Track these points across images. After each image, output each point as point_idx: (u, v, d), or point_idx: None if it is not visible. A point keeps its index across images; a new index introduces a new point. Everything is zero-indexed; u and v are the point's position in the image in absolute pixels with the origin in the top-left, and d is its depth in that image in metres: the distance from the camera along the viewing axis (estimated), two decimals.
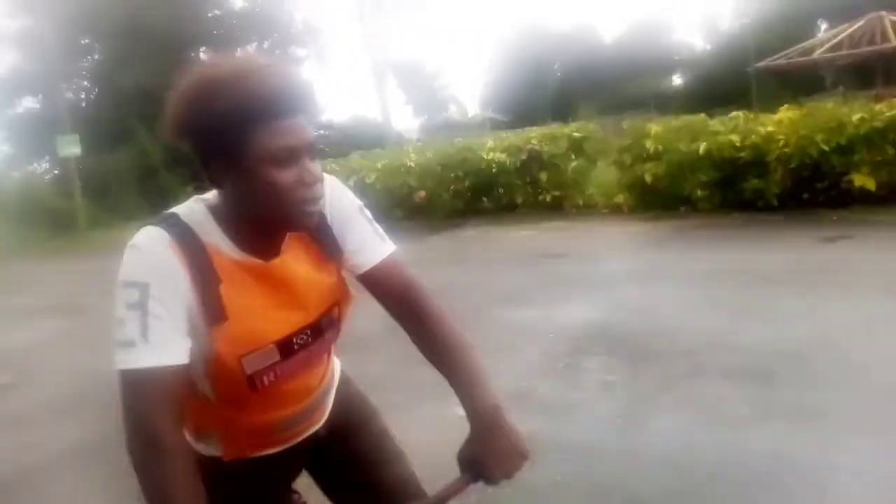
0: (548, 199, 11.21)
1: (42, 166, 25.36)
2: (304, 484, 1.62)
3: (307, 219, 1.17)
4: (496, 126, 23.40)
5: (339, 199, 1.32)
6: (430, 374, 1.36)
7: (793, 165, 8.77)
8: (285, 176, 1.11)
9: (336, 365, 1.56)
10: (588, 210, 10.90)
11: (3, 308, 9.79)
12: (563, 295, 6.25)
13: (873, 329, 4.60)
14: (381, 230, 1.36)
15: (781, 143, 8.83)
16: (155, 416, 1.08)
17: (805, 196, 8.90)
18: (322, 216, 1.25)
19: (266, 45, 26.61)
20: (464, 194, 12.04)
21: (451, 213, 11.77)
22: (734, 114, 10.02)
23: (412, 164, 12.43)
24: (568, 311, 5.73)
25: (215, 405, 1.27)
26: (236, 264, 1.19)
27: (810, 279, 5.91)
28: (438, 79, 29.40)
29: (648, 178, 9.77)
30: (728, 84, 22.77)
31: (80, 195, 18.41)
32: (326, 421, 1.50)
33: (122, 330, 1.10)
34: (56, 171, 23.64)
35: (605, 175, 11.37)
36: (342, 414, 1.53)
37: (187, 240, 1.15)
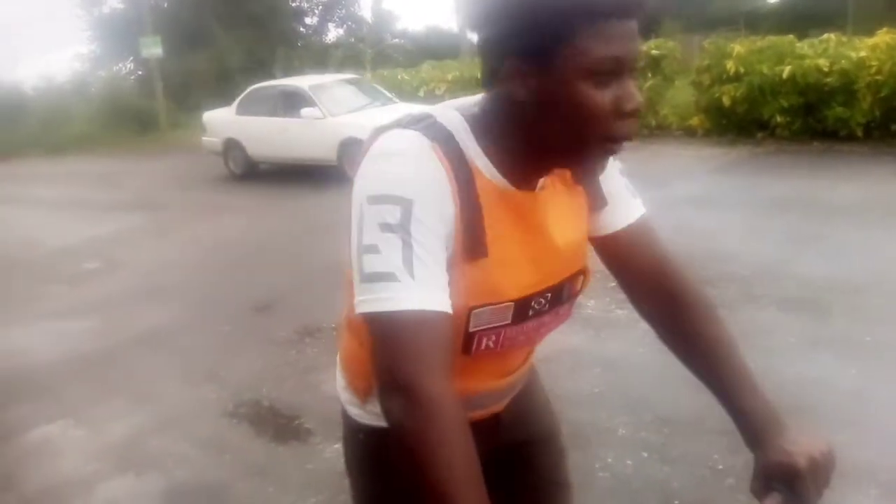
0: None
1: (126, 66, 26.07)
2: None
3: (605, 160, 0.93)
4: None
5: None
6: None
7: (883, 94, 8.28)
8: (600, 96, 0.85)
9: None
10: (660, 131, 10.61)
11: (91, 201, 10.41)
12: None
13: None
14: (631, 185, 1.11)
15: (874, 69, 8.31)
16: (423, 370, 0.82)
17: (894, 128, 8.43)
18: None
19: None
20: None
21: None
22: (825, 36, 9.44)
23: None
24: None
25: None
26: (498, 192, 0.95)
27: (882, 215, 5.71)
28: None
29: (726, 101, 9.40)
30: (828, 4, 21.21)
31: (162, 95, 18.95)
32: (509, 408, 1.23)
33: (377, 259, 0.85)
34: (139, 72, 24.32)
35: (681, 96, 10.98)
36: (530, 413, 1.30)
37: (453, 151, 0.92)
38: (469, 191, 0.92)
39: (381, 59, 20.28)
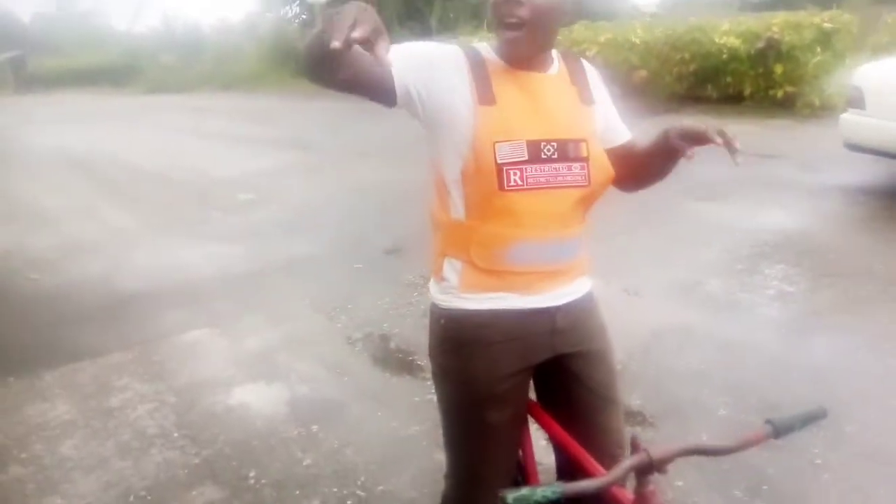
0: (779, 94, 10.26)
1: (293, 10, 27.29)
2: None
3: (506, 36, 1.37)
4: (747, 7, 21.11)
5: (595, 75, 1.57)
6: None
7: None
8: None
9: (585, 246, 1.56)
10: (824, 112, 9.88)
11: (250, 136, 11.21)
12: (764, 197, 5.98)
13: None
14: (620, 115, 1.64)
15: None
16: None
17: None
18: (581, 68, 1.52)
19: None
20: (688, 78, 11.34)
21: (672, 97, 11.21)
22: None
23: (637, 41, 11.86)
24: (764, 214, 5.51)
25: (463, 223, 1.43)
26: (503, 69, 1.41)
27: None
28: None
29: None
30: None
31: None
32: (565, 316, 1.50)
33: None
34: (303, 16, 25.40)
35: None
36: (585, 330, 1.55)
37: (473, 53, 1.42)
38: (480, 69, 1.39)
39: None
